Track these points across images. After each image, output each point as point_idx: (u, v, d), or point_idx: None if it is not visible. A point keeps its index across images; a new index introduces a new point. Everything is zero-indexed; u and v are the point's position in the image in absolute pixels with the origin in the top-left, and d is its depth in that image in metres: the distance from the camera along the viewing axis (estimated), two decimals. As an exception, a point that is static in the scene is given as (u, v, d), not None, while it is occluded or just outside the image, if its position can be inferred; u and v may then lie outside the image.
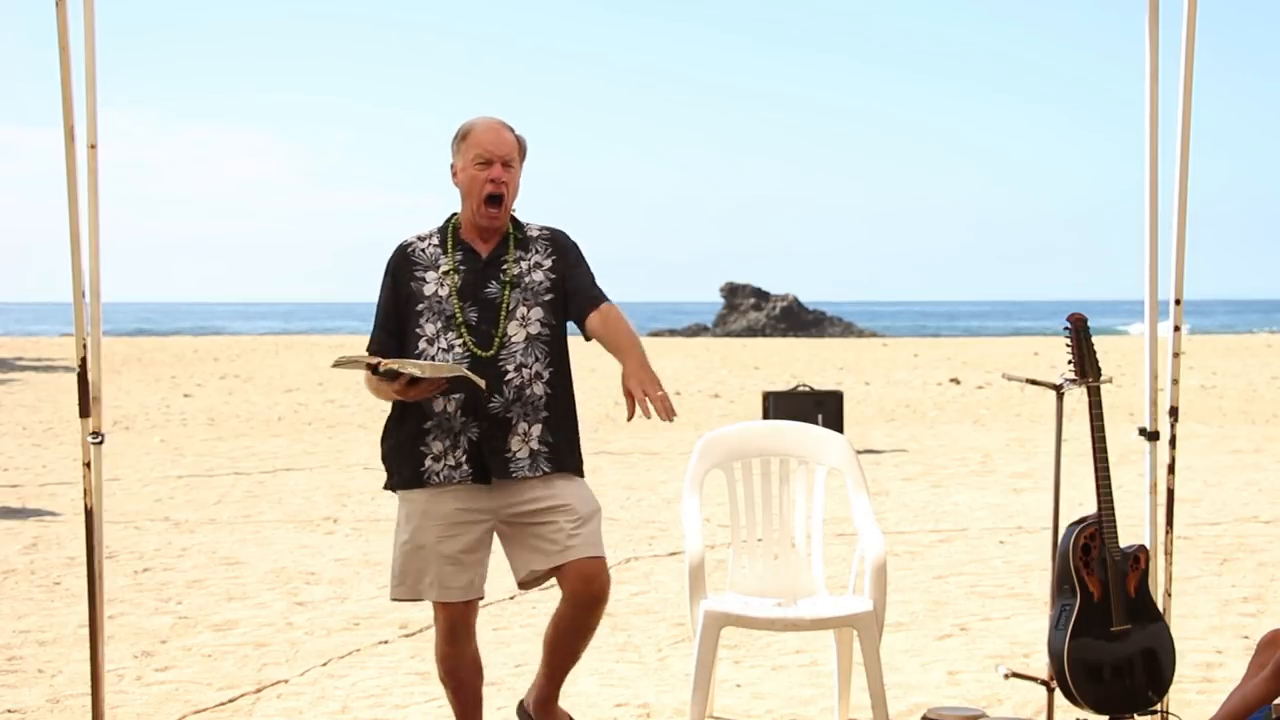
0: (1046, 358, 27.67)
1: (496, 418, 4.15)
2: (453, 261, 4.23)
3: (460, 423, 4.15)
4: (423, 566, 4.22)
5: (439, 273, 4.23)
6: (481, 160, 4.19)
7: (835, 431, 5.20)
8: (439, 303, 4.20)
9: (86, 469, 4.43)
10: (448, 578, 4.20)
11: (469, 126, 4.24)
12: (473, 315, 4.18)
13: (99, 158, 4.40)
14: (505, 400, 4.15)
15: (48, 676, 5.67)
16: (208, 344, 37.47)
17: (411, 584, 4.24)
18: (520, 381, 4.16)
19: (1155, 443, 4.65)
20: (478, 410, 4.13)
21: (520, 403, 4.17)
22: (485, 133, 4.21)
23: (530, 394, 4.18)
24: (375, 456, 13.19)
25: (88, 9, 4.34)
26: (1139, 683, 4.44)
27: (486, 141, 4.20)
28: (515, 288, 4.21)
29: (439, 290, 4.21)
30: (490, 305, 4.19)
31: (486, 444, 4.15)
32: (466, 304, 4.19)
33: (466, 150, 4.21)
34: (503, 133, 4.23)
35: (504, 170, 4.20)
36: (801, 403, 12.82)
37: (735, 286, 52.91)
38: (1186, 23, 4.52)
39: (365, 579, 7.57)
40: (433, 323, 4.18)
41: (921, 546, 8.45)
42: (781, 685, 5.49)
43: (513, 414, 4.16)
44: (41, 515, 9.75)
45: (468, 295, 4.20)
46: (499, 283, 4.21)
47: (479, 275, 4.22)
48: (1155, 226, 4.64)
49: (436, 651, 4.35)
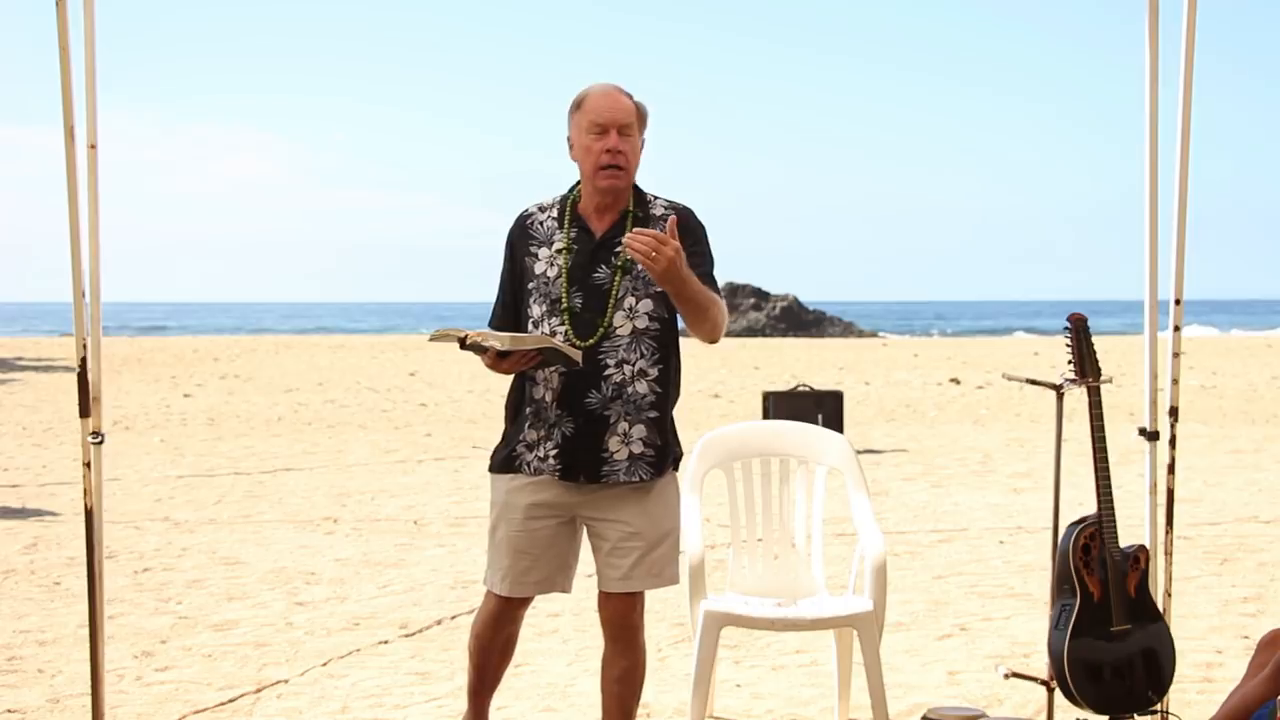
0: (1046, 358, 27.68)
1: (593, 414, 3.93)
2: (566, 239, 3.99)
3: (555, 415, 3.96)
4: (498, 558, 4.10)
5: (551, 250, 4.00)
6: (597, 129, 3.92)
7: (835, 431, 5.20)
8: (546, 284, 3.98)
9: (86, 469, 4.42)
10: (521, 572, 4.07)
11: (583, 95, 3.98)
12: (578, 301, 3.95)
13: (99, 158, 4.40)
14: (603, 397, 3.93)
15: (48, 676, 5.67)
16: (208, 344, 37.48)
17: (490, 574, 4.13)
18: (621, 378, 3.93)
19: (1155, 443, 4.64)
20: (573, 404, 3.93)
21: (621, 400, 3.93)
22: (600, 99, 3.95)
23: (632, 392, 3.94)
24: (375, 456, 13.28)
25: (88, 9, 4.34)
26: (1139, 683, 4.44)
27: (602, 108, 3.93)
28: (627, 274, 3.95)
29: (549, 270, 3.99)
30: (598, 292, 3.95)
31: (580, 440, 3.95)
32: (573, 289, 3.95)
33: (581, 119, 3.96)
34: (619, 98, 3.96)
35: (621, 139, 3.92)
36: (801, 403, 12.81)
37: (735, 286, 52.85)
38: (1186, 23, 4.51)
39: (365, 579, 7.57)
40: (540, 304, 3.97)
41: (921, 546, 8.45)
42: (781, 685, 5.49)
43: (611, 412, 3.93)
44: (41, 515, 9.75)
45: (576, 279, 3.95)
46: (610, 266, 3.96)
47: (590, 256, 3.97)
48: (1155, 226, 4.63)
49: (476, 628, 4.21)
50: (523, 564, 4.08)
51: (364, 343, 39.73)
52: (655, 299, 3.96)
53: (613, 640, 4.10)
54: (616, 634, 4.08)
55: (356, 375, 24.40)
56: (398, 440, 14.57)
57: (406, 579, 7.53)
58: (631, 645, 4.08)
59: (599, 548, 4.08)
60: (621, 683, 4.09)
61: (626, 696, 4.11)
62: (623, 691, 4.10)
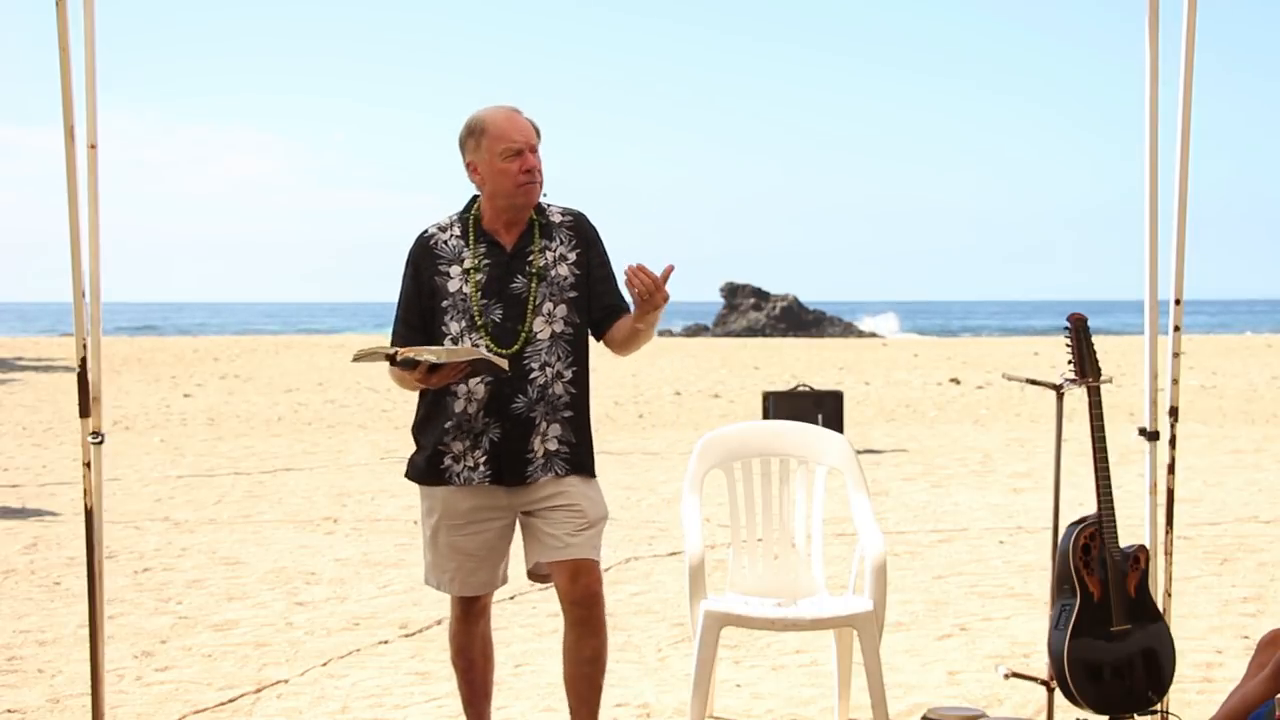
0: (1046, 358, 27.67)
1: (519, 418, 4.07)
2: (476, 257, 4.12)
3: (482, 423, 4.07)
4: (442, 562, 4.20)
5: (462, 268, 4.12)
6: (511, 152, 4.05)
7: (835, 431, 5.20)
8: (463, 300, 4.09)
9: (86, 469, 4.43)
10: (468, 573, 4.19)
11: (481, 121, 4.09)
12: (497, 313, 4.08)
13: (99, 158, 4.40)
14: (529, 400, 4.07)
15: (48, 676, 5.67)
16: (208, 344, 37.47)
17: (436, 577, 4.24)
18: (544, 380, 4.08)
19: (1155, 443, 4.64)
20: (500, 410, 4.06)
21: (543, 402, 4.09)
22: (506, 123, 4.07)
23: (552, 393, 4.10)
24: (375, 457, 13.27)
25: (88, 9, 4.34)
26: (1139, 683, 4.44)
27: (511, 131, 4.06)
28: (542, 281, 4.11)
29: (463, 287, 4.10)
30: (516, 301, 4.09)
31: (507, 445, 4.07)
32: (491, 301, 4.09)
33: (489, 144, 4.07)
34: (520, 119, 4.11)
35: (534, 156, 4.08)
36: (801, 403, 12.82)
37: (735, 286, 52.86)
38: (1186, 23, 4.51)
39: (365, 579, 7.57)
40: (457, 321, 4.09)
41: (921, 546, 8.45)
42: (781, 685, 5.49)
43: (535, 414, 4.08)
44: (41, 515, 9.75)
45: (492, 292, 4.09)
46: (525, 276, 4.11)
47: (504, 269, 4.11)
48: (1155, 227, 4.63)
49: (450, 632, 4.35)
50: (469, 565, 4.19)
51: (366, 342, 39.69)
52: (569, 305, 4.15)
53: (581, 622, 4.13)
54: (584, 613, 4.12)
55: (356, 375, 24.39)
56: (398, 440, 14.57)
57: (406, 579, 7.53)
58: (600, 623, 4.15)
59: (539, 528, 4.14)
60: (593, 664, 4.17)
61: (598, 677, 4.19)
62: (593, 673, 4.18)
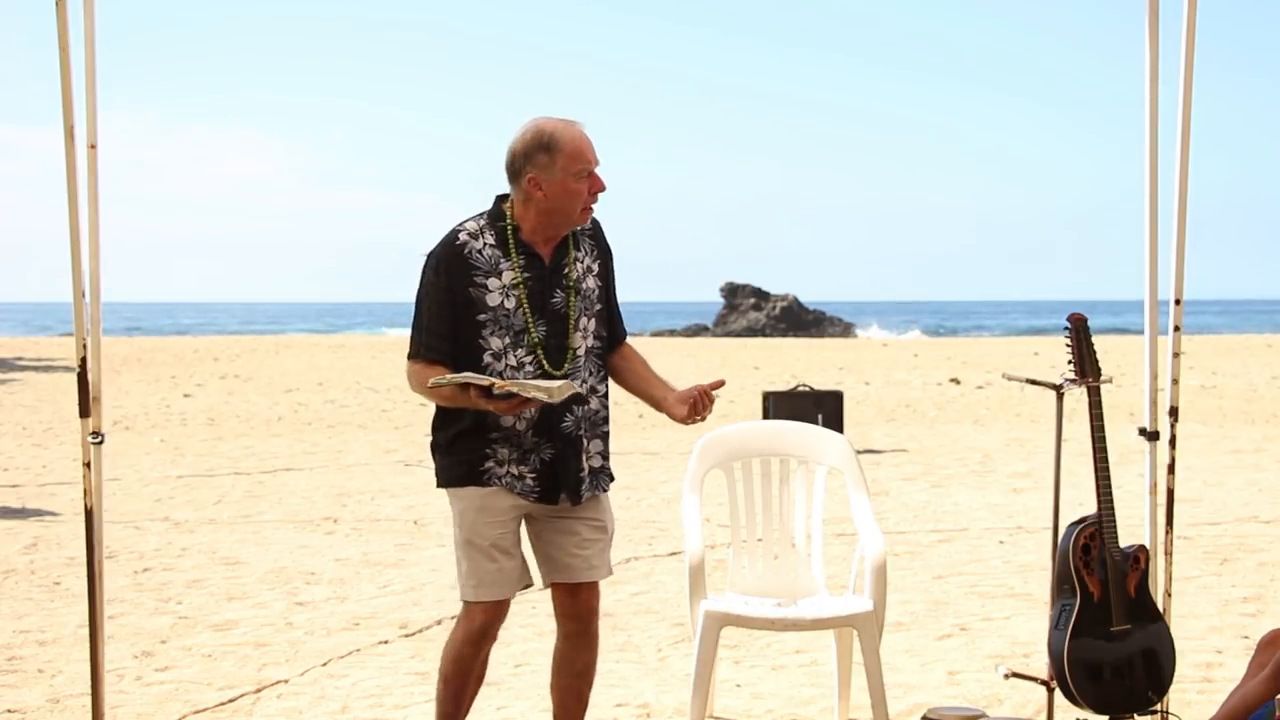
0: (1046, 358, 27.66)
1: (569, 436, 3.98)
2: (516, 270, 3.94)
3: (531, 441, 3.95)
4: (483, 563, 3.99)
5: (503, 282, 3.93)
6: (586, 173, 3.91)
7: (835, 431, 5.20)
8: (505, 316, 3.92)
9: (86, 469, 4.43)
10: (510, 570, 4.02)
11: (555, 137, 3.90)
12: (542, 329, 3.94)
13: (99, 158, 4.40)
14: (575, 418, 3.99)
15: (48, 676, 5.67)
16: (208, 344, 37.47)
17: (476, 579, 4.00)
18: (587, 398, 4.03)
19: (1155, 443, 4.65)
20: (550, 430, 3.95)
21: (587, 420, 4.02)
22: (582, 142, 3.92)
23: (590, 409, 4.03)
24: (375, 456, 13.27)
25: (88, 9, 4.34)
26: (1139, 683, 4.44)
27: (586, 151, 3.92)
28: (577, 294, 4.00)
29: (505, 302, 3.92)
30: (558, 317, 3.97)
31: (561, 465, 3.97)
32: (536, 319, 3.94)
33: (565, 163, 3.89)
34: (588, 137, 3.96)
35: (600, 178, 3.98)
36: (801, 403, 12.81)
37: (735, 286, 52.89)
38: (1186, 23, 4.52)
39: (365, 579, 7.58)
40: (499, 337, 3.92)
41: (921, 546, 8.45)
42: (781, 685, 5.49)
43: (582, 431, 4.01)
44: (41, 515, 9.75)
45: (535, 308, 3.94)
46: (563, 290, 3.99)
47: (545, 284, 3.96)
48: (1155, 226, 4.64)
49: (454, 651, 4.07)
50: (510, 563, 4.04)
51: (364, 342, 39.73)
52: (597, 318, 4.09)
53: (578, 636, 4.14)
54: (583, 628, 4.13)
55: (356, 375, 24.39)
56: (398, 440, 14.56)
57: (406, 579, 7.54)
58: (595, 638, 4.17)
59: (561, 544, 4.07)
60: (583, 678, 4.18)
61: (586, 692, 4.20)
62: (582, 687, 4.18)
